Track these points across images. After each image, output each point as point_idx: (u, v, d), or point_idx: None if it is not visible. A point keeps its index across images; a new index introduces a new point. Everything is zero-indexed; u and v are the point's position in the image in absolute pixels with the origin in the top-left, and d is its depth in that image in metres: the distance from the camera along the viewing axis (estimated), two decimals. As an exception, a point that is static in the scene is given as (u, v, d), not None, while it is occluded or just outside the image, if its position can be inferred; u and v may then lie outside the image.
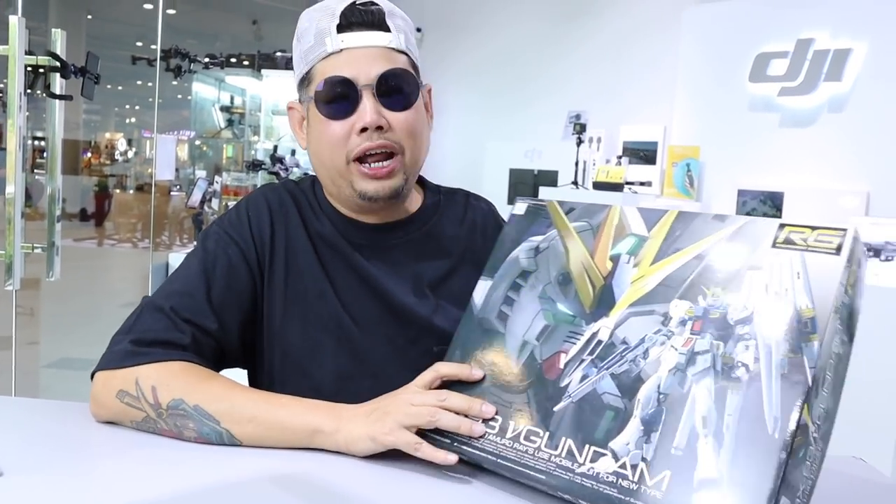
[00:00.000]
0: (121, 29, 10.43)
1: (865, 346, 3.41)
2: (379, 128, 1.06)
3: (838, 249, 0.76)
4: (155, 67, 4.21)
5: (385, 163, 1.08)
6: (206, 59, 5.54)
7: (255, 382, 1.17)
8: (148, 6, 7.53)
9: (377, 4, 1.09)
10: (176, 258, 3.76)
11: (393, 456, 0.89)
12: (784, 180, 4.16)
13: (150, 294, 1.10)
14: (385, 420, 0.88)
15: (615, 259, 0.89)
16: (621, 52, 5.34)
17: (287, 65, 5.40)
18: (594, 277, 0.90)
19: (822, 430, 0.75)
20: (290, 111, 1.20)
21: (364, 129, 1.06)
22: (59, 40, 2.42)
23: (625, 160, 4.77)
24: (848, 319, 0.78)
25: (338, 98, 1.07)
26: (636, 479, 0.75)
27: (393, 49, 1.09)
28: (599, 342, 0.85)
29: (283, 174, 4.19)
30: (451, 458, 0.85)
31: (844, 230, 0.76)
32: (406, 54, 1.11)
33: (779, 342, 0.74)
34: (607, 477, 0.76)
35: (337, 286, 1.12)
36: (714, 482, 0.70)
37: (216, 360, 1.06)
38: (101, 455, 0.94)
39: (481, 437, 0.86)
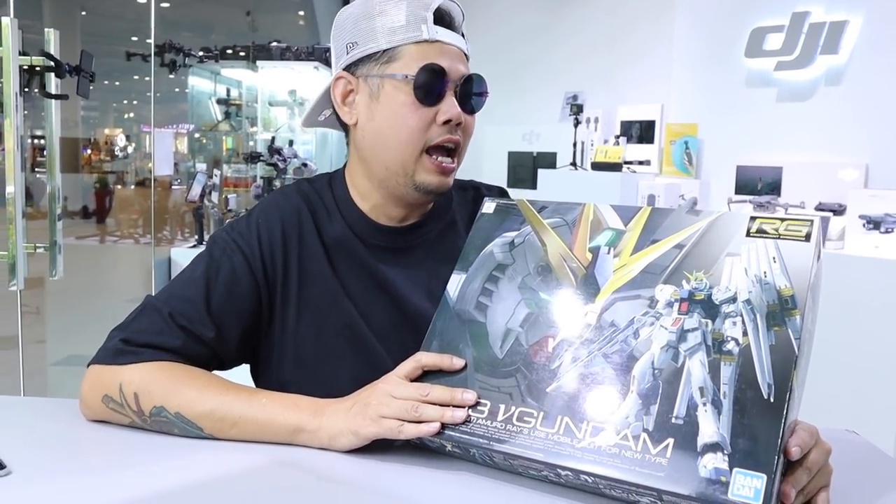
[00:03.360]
0: (116, 24, 10.40)
1: (866, 318, 3.40)
2: (458, 124, 1.10)
3: (808, 237, 0.82)
4: (150, 63, 4.22)
5: (451, 159, 1.11)
6: (201, 53, 5.53)
7: (262, 386, 1.17)
8: (142, 0, 7.51)
9: (461, 10, 1.14)
10: (178, 253, 3.77)
11: (376, 450, 0.90)
12: (783, 155, 4.15)
13: (153, 291, 1.11)
14: (366, 412, 0.89)
15: (594, 251, 0.92)
16: (617, 32, 5.32)
17: (282, 55, 5.38)
18: (575, 267, 0.92)
19: (797, 399, 0.80)
20: (337, 80, 1.14)
21: (446, 122, 1.08)
22: (52, 40, 2.43)
23: (623, 139, 4.77)
24: (815, 300, 0.86)
25: (432, 87, 1.07)
26: (639, 448, 0.76)
27: (466, 56, 1.14)
28: (588, 325, 0.86)
29: (280, 165, 4.19)
30: (434, 426, 0.85)
31: (811, 220, 0.83)
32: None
33: (764, 318, 0.79)
34: (609, 449, 0.77)
35: (351, 292, 1.12)
36: (718, 445, 0.73)
37: (207, 366, 1.06)
38: (105, 452, 0.95)
39: (467, 422, 0.85)
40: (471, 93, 1.11)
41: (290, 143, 5.05)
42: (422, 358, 0.92)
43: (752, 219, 0.86)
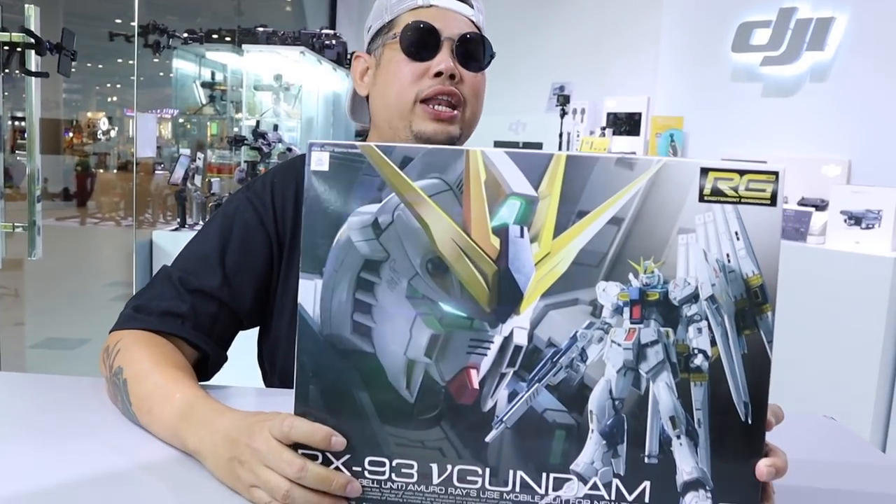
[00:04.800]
0: (99, 5, 10.27)
1: (846, 312, 3.44)
2: (451, 77, 1.13)
3: (773, 199, 0.67)
4: (133, 44, 4.17)
5: (451, 109, 1.14)
6: (185, 35, 5.47)
7: (261, 348, 1.20)
8: (126, -19, 7.41)
9: None
10: (159, 236, 3.74)
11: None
12: (767, 149, 4.17)
13: (134, 274, 1.11)
14: (239, 473, 0.75)
15: (501, 232, 0.69)
16: (605, 24, 5.32)
17: (268, 40, 5.33)
18: (480, 262, 0.69)
19: None
20: (356, 59, 1.25)
21: (438, 74, 1.13)
22: (33, 16, 2.39)
23: (609, 131, 4.77)
24: None
25: (420, 42, 1.14)
26: (613, 497, 0.68)
27: (473, 22, 1.19)
28: (518, 348, 0.69)
29: (265, 149, 4.17)
30: None
31: (775, 172, 0.67)
32: (481, 31, 1.20)
33: (732, 320, 0.67)
34: (580, 502, 0.69)
35: None
36: (699, 482, 0.67)
37: (220, 326, 1.07)
38: (85, 426, 0.94)
39: (394, 490, 0.71)
40: (471, 51, 1.16)
41: (275, 127, 5.02)
42: (290, 431, 0.70)
43: (704, 172, 0.67)
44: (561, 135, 4.88)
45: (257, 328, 1.19)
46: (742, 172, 0.67)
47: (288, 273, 1.13)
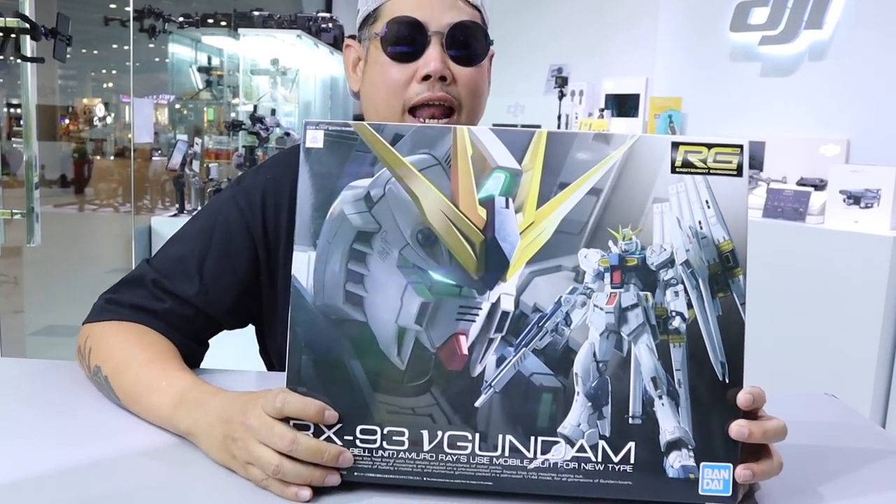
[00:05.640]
0: (93, -10, 10.18)
1: (845, 291, 3.43)
2: (442, 78, 1.00)
3: (739, 169, 0.72)
4: (128, 28, 4.14)
5: (442, 121, 1.01)
6: (181, 19, 5.44)
7: (265, 350, 1.16)
8: (120, -35, 7.34)
9: None
10: (158, 222, 3.73)
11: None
12: (765, 129, 4.16)
13: (133, 260, 1.09)
14: (233, 451, 0.74)
15: (487, 204, 0.72)
16: (602, 4, 5.28)
17: (264, 23, 5.31)
18: (468, 231, 0.72)
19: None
20: (346, 49, 1.13)
21: (426, 77, 1.00)
22: (27, 1, 2.37)
23: (607, 113, 4.76)
24: None
25: (404, 40, 1.01)
26: (600, 458, 0.71)
27: (467, 1, 1.04)
28: (505, 314, 0.72)
29: (263, 134, 4.16)
30: (304, 493, 0.70)
31: (740, 146, 0.73)
32: (479, 10, 1.06)
33: (706, 283, 0.72)
34: (567, 465, 0.71)
35: None
36: (682, 441, 0.70)
37: (197, 326, 1.02)
38: (83, 411, 0.94)
39: (385, 458, 0.72)
40: (466, 41, 1.02)
41: (273, 112, 5.01)
42: (283, 406, 0.71)
43: (675, 146, 0.73)
44: (559, 117, 4.87)
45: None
46: (710, 146, 0.73)
47: (286, 276, 1.04)
